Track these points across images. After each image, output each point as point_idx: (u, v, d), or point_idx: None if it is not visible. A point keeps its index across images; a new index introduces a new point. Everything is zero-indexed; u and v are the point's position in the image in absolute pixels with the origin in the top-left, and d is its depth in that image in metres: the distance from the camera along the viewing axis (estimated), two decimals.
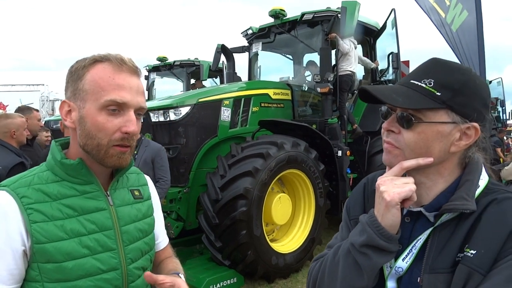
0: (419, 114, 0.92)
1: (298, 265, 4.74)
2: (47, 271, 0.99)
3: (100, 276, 1.05)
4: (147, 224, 1.23)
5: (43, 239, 0.98)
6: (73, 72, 1.07)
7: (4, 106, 20.85)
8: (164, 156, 4.00)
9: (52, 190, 1.03)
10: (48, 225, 0.99)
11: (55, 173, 1.07)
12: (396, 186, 0.92)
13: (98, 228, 1.07)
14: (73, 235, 1.02)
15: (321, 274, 1.05)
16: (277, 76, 6.93)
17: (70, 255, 1.00)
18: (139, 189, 1.25)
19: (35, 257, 0.98)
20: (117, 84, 1.03)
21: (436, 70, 0.95)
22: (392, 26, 6.22)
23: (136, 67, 1.10)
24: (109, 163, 1.07)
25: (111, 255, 1.08)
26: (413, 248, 0.96)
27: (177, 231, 4.60)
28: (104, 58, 1.06)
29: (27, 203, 0.99)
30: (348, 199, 1.20)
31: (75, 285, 1.01)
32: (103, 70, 1.04)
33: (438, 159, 0.94)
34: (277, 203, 4.52)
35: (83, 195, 1.07)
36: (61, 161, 1.06)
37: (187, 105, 4.69)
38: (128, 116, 1.05)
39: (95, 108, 1.03)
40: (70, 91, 1.07)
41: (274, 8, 5.96)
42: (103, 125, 1.03)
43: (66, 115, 1.07)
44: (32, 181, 1.03)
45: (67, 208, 1.03)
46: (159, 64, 9.53)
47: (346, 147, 5.47)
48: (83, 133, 1.05)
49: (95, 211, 1.08)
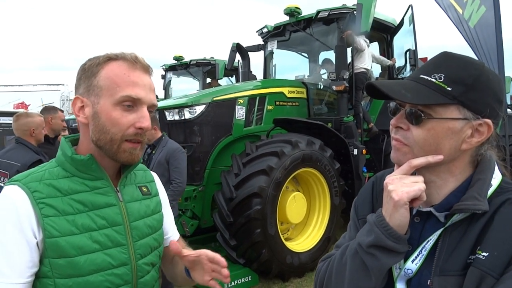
0: (428, 110, 0.89)
1: (313, 264, 4.70)
2: (59, 266, 0.99)
3: (111, 271, 1.06)
4: (155, 220, 1.24)
5: (55, 233, 0.99)
6: (86, 69, 1.08)
7: (26, 106, 21.36)
8: (179, 157, 3.91)
9: (63, 185, 1.05)
10: (60, 219, 1.00)
11: (66, 168, 1.08)
12: (404, 185, 0.89)
13: (108, 224, 1.08)
14: (84, 230, 1.03)
15: (328, 274, 1.03)
16: (293, 75, 6.91)
17: (82, 249, 1.01)
18: (146, 186, 1.27)
19: (47, 252, 0.99)
20: (132, 81, 1.06)
21: (447, 64, 0.91)
22: (410, 23, 6.11)
23: (148, 66, 1.12)
24: (121, 158, 1.08)
25: (122, 251, 1.09)
26: (423, 250, 0.93)
27: (192, 229, 4.62)
28: (118, 56, 1.08)
29: (38, 198, 1.00)
30: (356, 198, 1.18)
31: (86, 280, 1.02)
32: (118, 67, 1.06)
33: (449, 157, 0.91)
34: (292, 201, 4.50)
35: (93, 191, 1.08)
36: (72, 156, 1.07)
37: (202, 104, 4.71)
38: (142, 112, 1.07)
39: (110, 104, 1.04)
40: (83, 87, 1.08)
41: (289, 6, 5.92)
42: (118, 120, 1.05)
43: (79, 111, 1.09)
44: (43, 176, 1.05)
45: (77, 203, 1.04)
46: (175, 63, 9.62)
47: (362, 146, 5.41)
48: (96, 128, 1.06)
49: (105, 207, 1.09)
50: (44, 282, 1.01)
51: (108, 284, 1.05)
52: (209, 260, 1.12)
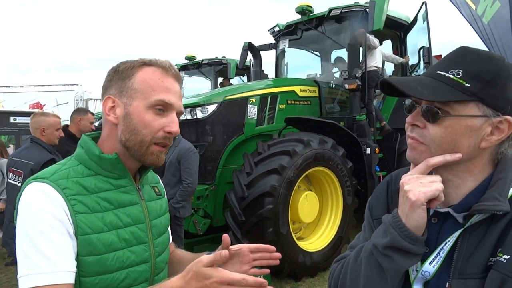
0: (446, 107, 0.86)
1: (326, 264, 4.68)
2: (87, 264, 0.99)
3: (134, 268, 1.07)
4: (166, 219, 1.28)
5: (88, 230, 0.99)
6: (120, 71, 1.10)
7: (41, 106, 21.67)
8: (190, 157, 3.90)
9: (89, 183, 1.05)
10: (90, 216, 1.01)
11: (89, 167, 1.08)
12: (421, 185, 0.86)
13: (132, 222, 1.10)
14: (111, 228, 1.04)
15: (342, 276, 1.02)
16: (304, 73, 6.88)
17: (111, 247, 1.02)
18: (157, 186, 1.30)
19: (78, 249, 0.98)
20: (165, 87, 1.09)
21: (465, 59, 0.88)
22: (423, 20, 6.03)
23: (179, 74, 1.16)
24: (147, 161, 1.10)
25: (144, 248, 1.11)
26: (441, 251, 0.90)
27: (204, 228, 4.63)
28: (153, 62, 1.11)
29: (69, 194, 0.99)
30: (371, 197, 1.15)
31: (113, 277, 1.02)
32: (153, 72, 1.09)
33: (467, 156, 0.88)
34: (304, 201, 4.47)
35: (118, 189, 1.10)
36: (100, 155, 1.08)
37: (213, 103, 4.72)
38: (171, 117, 1.10)
39: (143, 106, 1.07)
40: (115, 88, 1.10)
41: (301, 5, 5.90)
42: (150, 123, 1.07)
43: (109, 110, 1.10)
44: (69, 174, 1.05)
45: (104, 201, 1.05)
46: (187, 63, 9.66)
47: (374, 145, 5.36)
48: (127, 128, 1.08)
49: (130, 205, 1.11)
50: None
51: (129, 281, 1.06)
52: (252, 250, 1.17)
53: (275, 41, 6.68)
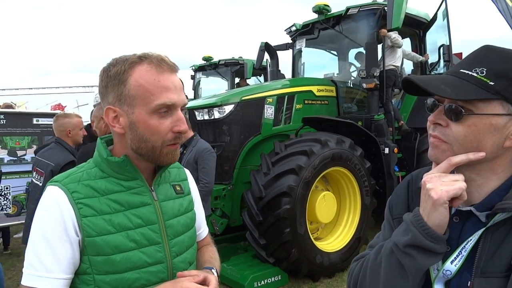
0: (469, 106, 0.85)
1: (344, 265, 4.65)
2: (97, 263, 1.02)
3: (147, 269, 1.07)
4: (189, 218, 1.26)
5: (93, 233, 1.02)
6: (112, 76, 1.06)
7: (62, 107, 22.12)
8: (207, 157, 3.91)
9: (100, 185, 1.07)
10: (97, 219, 1.03)
11: (102, 169, 1.11)
12: (444, 184, 0.85)
13: (144, 223, 1.10)
14: (120, 229, 1.05)
15: (362, 275, 1.01)
16: (322, 73, 6.84)
17: (118, 248, 1.04)
18: (180, 184, 1.28)
19: (86, 250, 1.02)
20: (163, 86, 1.04)
21: (489, 58, 0.87)
22: (443, 17, 5.92)
23: (174, 64, 1.10)
24: (163, 162, 1.11)
25: (157, 249, 1.11)
26: (463, 250, 0.89)
27: (221, 227, 4.66)
28: (143, 59, 1.06)
29: (77, 198, 1.03)
30: (391, 197, 1.14)
31: (123, 277, 1.04)
32: (147, 73, 1.04)
33: (491, 154, 0.87)
34: (321, 201, 4.45)
35: (128, 191, 1.10)
36: (107, 158, 1.09)
37: (231, 103, 4.74)
38: (177, 115, 1.08)
39: (145, 113, 1.04)
40: (113, 96, 1.06)
41: (318, 4, 5.86)
42: (156, 128, 1.05)
43: (113, 121, 1.08)
44: (82, 177, 1.08)
45: (114, 203, 1.07)
46: (204, 63, 9.73)
47: (393, 144, 5.29)
48: (135, 137, 1.07)
49: (141, 206, 1.11)
50: (84, 279, 1.03)
51: (143, 282, 1.07)
52: None
53: (292, 41, 6.65)
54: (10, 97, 21.27)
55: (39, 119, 6.14)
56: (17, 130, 5.81)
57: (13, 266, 5.25)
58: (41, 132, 6.13)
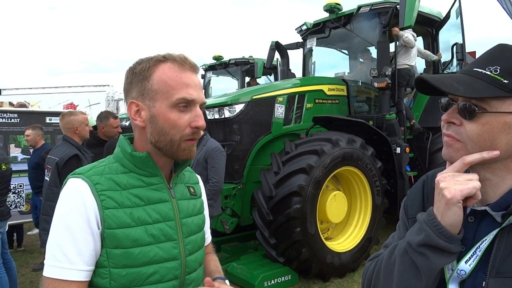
0: (483, 104, 0.84)
1: (354, 265, 4.63)
2: (115, 256, 1.04)
3: (162, 265, 1.09)
4: (201, 219, 1.28)
5: (114, 225, 1.03)
6: (137, 73, 1.11)
7: (74, 106, 22.41)
8: (217, 156, 3.93)
9: (122, 180, 1.09)
10: (118, 211, 1.05)
11: (123, 165, 1.13)
12: (458, 183, 0.84)
13: (162, 218, 1.12)
14: (139, 223, 1.07)
15: (376, 274, 1.00)
16: (332, 72, 6.80)
17: (137, 241, 1.05)
18: (193, 186, 1.31)
19: (105, 242, 1.03)
20: (184, 83, 1.10)
21: (503, 56, 0.86)
22: (457, 16, 5.84)
23: (195, 65, 1.16)
24: (181, 156, 1.13)
25: (173, 245, 1.13)
26: (478, 250, 0.87)
27: (232, 226, 4.67)
28: (167, 58, 1.12)
29: (100, 190, 1.05)
30: (406, 197, 1.13)
31: (139, 271, 1.05)
32: (170, 70, 1.10)
33: (506, 153, 0.85)
34: (332, 201, 4.43)
35: (149, 187, 1.13)
36: (132, 153, 1.12)
37: (241, 103, 4.75)
38: (196, 112, 1.12)
39: (166, 106, 1.08)
40: (137, 91, 1.11)
41: (329, 3, 5.83)
42: (176, 122, 1.09)
43: (135, 115, 1.12)
44: (104, 171, 1.10)
45: (134, 198, 1.09)
46: (215, 63, 9.76)
47: (405, 144, 5.25)
48: (155, 130, 1.10)
49: (160, 202, 1.13)
50: (100, 272, 1.04)
51: (158, 277, 1.08)
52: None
53: (303, 40, 6.64)
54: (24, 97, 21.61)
55: (52, 118, 6.23)
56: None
57: (26, 263, 5.33)
58: (54, 131, 6.21)
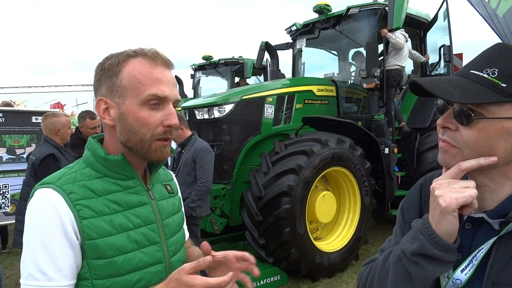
0: (480, 109, 0.81)
1: (343, 265, 4.65)
2: (97, 267, 0.98)
3: (147, 270, 1.05)
4: (180, 217, 1.25)
5: (94, 235, 0.97)
6: (106, 68, 1.05)
7: (61, 106, 22.12)
8: (205, 156, 3.90)
9: (97, 186, 1.02)
10: (97, 220, 0.99)
11: (96, 169, 1.06)
12: (453, 191, 0.80)
13: (143, 222, 1.07)
14: (121, 230, 1.02)
15: (370, 280, 0.99)
16: (322, 73, 6.82)
17: (120, 249, 1.00)
18: (169, 184, 1.26)
19: (86, 253, 0.97)
20: (155, 78, 1.03)
21: (502, 57, 0.82)
22: (444, 18, 5.91)
23: (169, 60, 1.09)
24: (152, 157, 1.07)
25: (156, 248, 1.09)
26: (474, 259, 0.85)
27: (221, 227, 4.65)
28: (138, 52, 1.05)
29: (75, 199, 0.97)
30: (403, 200, 1.10)
31: (125, 280, 1.01)
32: (140, 65, 1.03)
33: (504, 159, 0.82)
34: (321, 201, 4.44)
35: (126, 190, 1.07)
36: (105, 157, 1.05)
37: (230, 103, 4.73)
38: (168, 110, 1.05)
39: (136, 104, 1.02)
40: (105, 88, 1.05)
41: (319, 4, 5.85)
42: (146, 120, 1.02)
43: (104, 113, 1.06)
44: (76, 178, 1.02)
45: (113, 204, 1.03)
46: (204, 62, 9.72)
47: (393, 145, 5.29)
48: (124, 129, 1.04)
49: (139, 206, 1.08)
50: (82, 284, 0.98)
51: (144, 283, 1.04)
52: (237, 259, 1.11)
53: (292, 41, 6.64)
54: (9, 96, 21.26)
55: (38, 118, 6.12)
56: (16, 129, 5.80)
57: (11, 264, 5.23)
58: (40, 131, 6.11)
